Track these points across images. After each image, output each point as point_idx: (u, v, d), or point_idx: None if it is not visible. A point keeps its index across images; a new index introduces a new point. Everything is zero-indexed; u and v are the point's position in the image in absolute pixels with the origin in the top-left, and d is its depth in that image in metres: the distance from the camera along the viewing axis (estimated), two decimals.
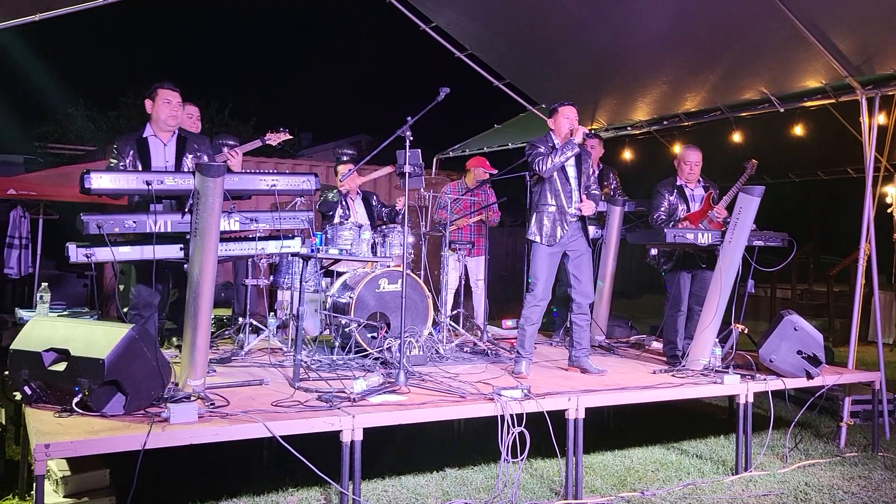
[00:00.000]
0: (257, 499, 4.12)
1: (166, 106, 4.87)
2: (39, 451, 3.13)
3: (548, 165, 5.28)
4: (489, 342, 6.42)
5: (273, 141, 6.12)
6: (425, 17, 8.34)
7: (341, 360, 5.35)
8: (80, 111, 18.90)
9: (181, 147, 4.94)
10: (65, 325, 3.96)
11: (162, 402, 3.77)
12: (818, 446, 5.48)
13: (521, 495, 4.26)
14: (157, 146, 4.90)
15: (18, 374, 3.81)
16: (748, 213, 5.22)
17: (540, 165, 5.30)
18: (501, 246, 13.96)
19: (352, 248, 5.76)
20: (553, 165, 5.28)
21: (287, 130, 6.21)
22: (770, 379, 5.16)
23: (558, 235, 5.32)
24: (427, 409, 4.10)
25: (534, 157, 5.34)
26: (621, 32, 7.08)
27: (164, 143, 4.92)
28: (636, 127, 8.81)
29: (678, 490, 4.48)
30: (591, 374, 5.34)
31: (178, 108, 4.93)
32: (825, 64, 6.06)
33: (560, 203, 5.34)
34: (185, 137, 5.00)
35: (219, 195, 3.94)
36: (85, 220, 4.04)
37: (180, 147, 4.93)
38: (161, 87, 4.89)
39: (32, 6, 6.35)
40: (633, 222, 7.36)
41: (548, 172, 5.30)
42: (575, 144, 5.29)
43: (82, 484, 3.78)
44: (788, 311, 5.54)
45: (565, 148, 5.28)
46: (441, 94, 4.75)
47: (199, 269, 3.98)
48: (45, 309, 5.67)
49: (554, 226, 5.33)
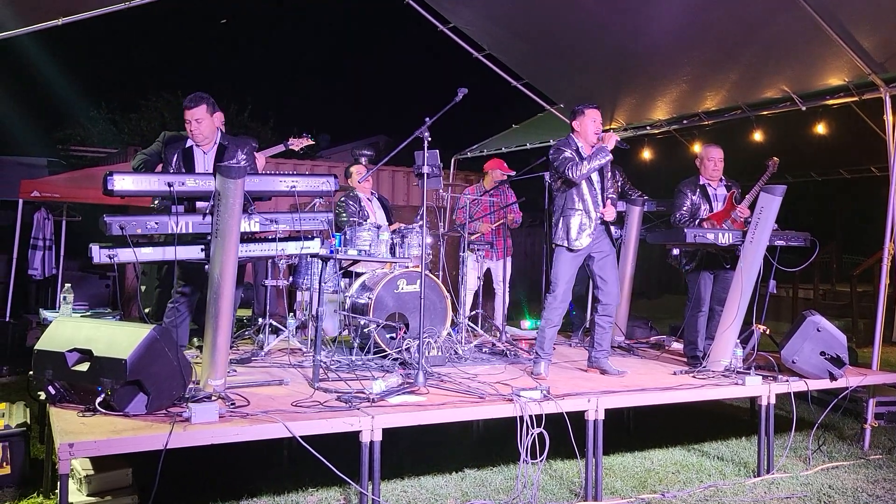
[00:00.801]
0: (277, 498, 4.14)
1: (187, 125, 4.89)
2: (64, 451, 3.17)
3: (582, 172, 5.21)
4: (508, 343, 6.41)
5: (296, 146, 6.20)
6: (443, 18, 8.34)
7: (360, 360, 5.36)
8: (101, 114, 19.09)
9: (220, 156, 4.96)
10: (88, 325, 4.01)
11: (183, 401, 3.81)
12: (842, 449, 5.42)
13: (541, 496, 4.25)
14: (199, 155, 4.96)
15: (43, 374, 3.86)
16: (770, 212, 5.17)
17: (572, 172, 5.22)
18: (521, 246, 13.94)
19: (370, 249, 5.78)
20: (587, 171, 5.22)
21: (309, 136, 6.28)
22: (792, 380, 5.11)
23: (584, 241, 5.29)
24: (446, 409, 4.10)
25: (562, 162, 5.28)
26: (640, 31, 7.03)
27: (204, 152, 4.97)
28: (655, 126, 8.75)
29: (699, 492, 4.44)
30: (610, 375, 5.31)
31: (199, 125, 4.86)
32: (848, 61, 5.99)
33: (587, 208, 5.30)
34: (225, 146, 5.01)
35: (239, 196, 3.97)
36: (108, 221, 4.08)
37: (219, 156, 4.96)
38: (184, 107, 4.87)
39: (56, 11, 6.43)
40: (653, 222, 7.32)
41: (579, 178, 5.24)
42: (608, 151, 5.24)
43: (105, 483, 3.82)
44: (811, 311, 5.48)
45: (599, 155, 5.22)
46: (459, 94, 4.74)
47: (220, 270, 4.00)
48: (68, 310, 5.74)
49: (581, 230, 5.29)
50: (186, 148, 4.96)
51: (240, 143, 5.12)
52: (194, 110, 4.84)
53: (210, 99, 4.91)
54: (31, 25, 6.38)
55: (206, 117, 4.88)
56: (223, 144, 5.00)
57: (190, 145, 4.97)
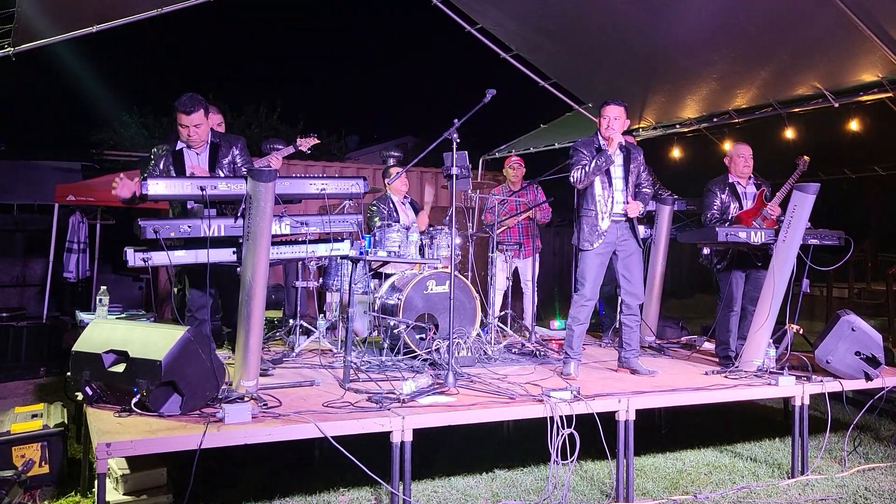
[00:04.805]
0: (309, 498, 4.18)
1: (183, 129, 4.71)
2: (101, 450, 3.23)
3: (580, 177, 5.23)
4: (537, 343, 6.40)
5: (303, 146, 6.26)
6: (470, 20, 8.37)
7: (390, 361, 5.39)
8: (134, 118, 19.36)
9: (214, 154, 4.86)
10: (123, 327, 4.08)
11: (217, 402, 3.86)
12: (878, 450, 5.33)
13: (572, 497, 4.24)
14: (190, 156, 4.85)
15: (80, 375, 3.93)
16: (803, 211, 5.10)
17: (573, 176, 5.27)
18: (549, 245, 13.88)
19: (400, 250, 5.79)
20: (585, 176, 5.22)
21: (315, 135, 6.35)
22: (827, 380, 5.04)
23: (598, 242, 5.26)
24: (476, 410, 4.10)
25: (573, 165, 5.30)
26: (669, 29, 6.99)
27: (197, 153, 4.86)
28: (685, 125, 8.70)
29: (732, 493, 4.40)
30: (641, 375, 5.28)
31: (198, 130, 4.72)
32: (881, 57, 5.90)
33: (599, 208, 5.27)
34: (217, 143, 4.89)
35: (270, 199, 4.01)
36: (142, 225, 4.15)
37: (213, 155, 4.86)
38: (177, 109, 4.66)
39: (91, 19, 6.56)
40: (683, 221, 7.26)
41: (580, 184, 5.27)
42: (609, 156, 5.21)
43: (141, 482, 3.88)
44: (845, 310, 5.40)
45: (598, 160, 5.21)
46: (487, 95, 4.73)
47: (252, 273, 4.05)
48: (103, 312, 5.84)
49: (594, 232, 5.27)
50: (176, 151, 4.80)
51: (231, 140, 4.97)
52: (192, 116, 4.66)
53: (204, 101, 4.77)
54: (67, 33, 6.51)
55: (204, 121, 4.75)
56: (215, 143, 4.87)
57: (180, 148, 4.81)
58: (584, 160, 5.26)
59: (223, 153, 4.90)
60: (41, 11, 6.03)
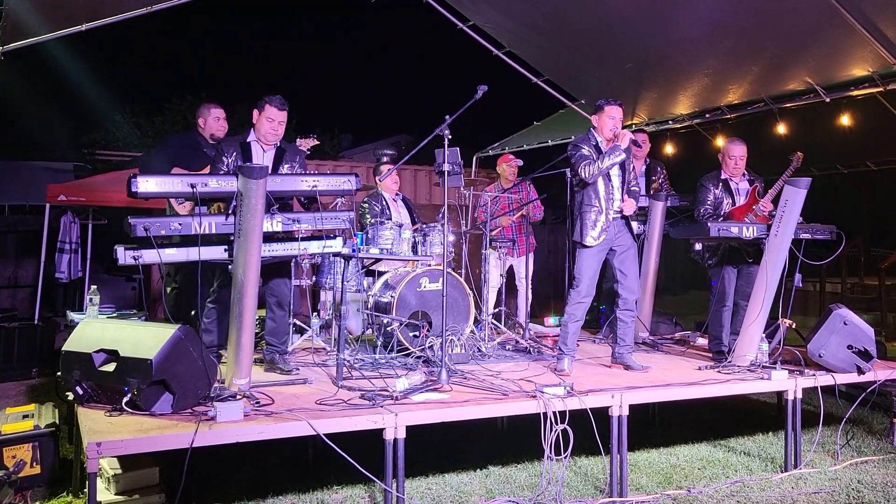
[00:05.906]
0: (302, 496, 4.17)
1: (269, 123, 4.87)
2: (91, 450, 3.21)
3: (593, 171, 5.20)
4: (531, 339, 6.39)
5: (303, 146, 6.23)
6: (462, 16, 8.36)
7: (384, 358, 5.38)
8: (126, 118, 19.29)
9: (279, 157, 4.97)
10: (114, 326, 4.07)
11: (208, 400, 3.84)
12: (871, 443, 5.35)
13: (566, 493, 4.24)
14: (258, 151, 4.94)
15: (71, 375, 3.92)
16: (794, 205, 5.11)
17: (585, 171, 5.22)
18: (543, 243, 13.90)
19: (392, 248, 5.78)
20: (599, 171, 5.20)
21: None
22: (819, 374, 5.05)
23: (602, 237, 5.27)
24: (470, 406, 4.10)
25: (578, 160, 5.27)
26: (661, 25, 7.00)
27: (263, 150, 4.96)
28: (678, 121, 8.71)
29: (725, 488, 4.41)
30: (634, 370, 5.28)
31: (280, 127, 4.92)
32: (872, 51, 5.92)
33: (602, 205, 5.28)
34: (283, 149, 5.03)
35: (262, 196, 4.00)
36: (132, 222, 4.12)
37: (278, 156, 4.97)
38: (269, 104, 4.86)
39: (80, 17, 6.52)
40: (676, 217, 7.26)
41: (592, 178, 5.24)
42: (621, 150, 5.22)
43: (133, 481, 3.87)
44: (838, 305, 5.42)
45: (612, 154, 5.20)
46: (479, 92, 4.72)
47: (244, 270, 4.04)
48: (94, 311, 5.82)
49: (596, 226, 5.27)
50: (245, 143, 4.93)
51: (297, 150, 5.19)
52: (283, 112, 4.90)
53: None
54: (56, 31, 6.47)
55: (285, 123, 4.95)
56: (282, 148, 5.02)
57: (249, 141, 4.94)
58: (587, 156, 5.26)
59: (288, 158, 5.01)
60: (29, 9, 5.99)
